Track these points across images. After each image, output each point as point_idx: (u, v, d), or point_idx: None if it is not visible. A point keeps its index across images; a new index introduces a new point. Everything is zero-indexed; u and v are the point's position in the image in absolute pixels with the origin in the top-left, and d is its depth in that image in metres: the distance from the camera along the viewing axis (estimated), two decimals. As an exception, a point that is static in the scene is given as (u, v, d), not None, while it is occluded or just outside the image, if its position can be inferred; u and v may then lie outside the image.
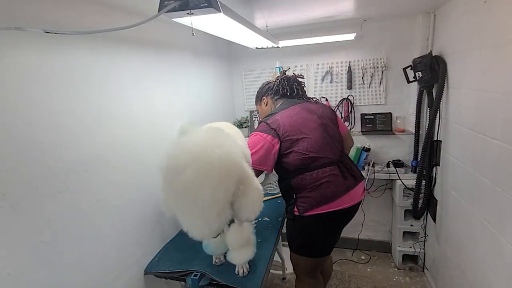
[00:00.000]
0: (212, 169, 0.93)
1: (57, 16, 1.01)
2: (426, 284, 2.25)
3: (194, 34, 1.07)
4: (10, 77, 0.86)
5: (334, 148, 1.48)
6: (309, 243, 1.48)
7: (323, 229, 1.44)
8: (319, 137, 1.44)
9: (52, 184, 0.98)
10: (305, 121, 1.46)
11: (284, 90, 1.63)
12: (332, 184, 1.39)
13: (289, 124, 1.42)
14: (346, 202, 1.40)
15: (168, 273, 1.40)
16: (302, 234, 1.48)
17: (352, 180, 1.46)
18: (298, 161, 1.41)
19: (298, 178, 1.42)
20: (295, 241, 1.53)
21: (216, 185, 0.93)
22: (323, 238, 1.47)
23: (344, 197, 1.40)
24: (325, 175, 1.40)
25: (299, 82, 1.70)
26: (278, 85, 1.64)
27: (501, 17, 1.26)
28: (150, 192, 1.50)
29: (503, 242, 1.26)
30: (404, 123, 2.40)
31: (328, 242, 1.51)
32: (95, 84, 1.16)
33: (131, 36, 1.37)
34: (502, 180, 1.27)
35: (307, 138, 1.42)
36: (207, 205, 0.93)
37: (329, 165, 1.42)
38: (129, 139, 1.35)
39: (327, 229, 1.45)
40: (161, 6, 0.89)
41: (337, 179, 1.41)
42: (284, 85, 1.63)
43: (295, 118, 1.46)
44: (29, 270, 0.91)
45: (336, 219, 1.45)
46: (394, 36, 2.28)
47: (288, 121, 1.43)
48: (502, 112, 1.25)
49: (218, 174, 0.93)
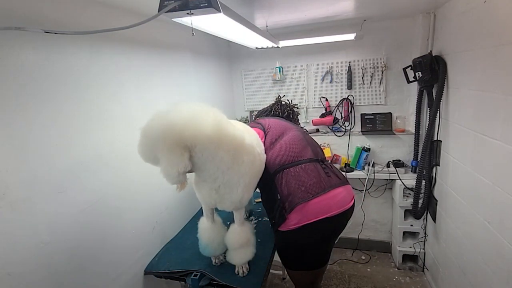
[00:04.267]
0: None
1: (57, 16, 1.01)
2: (426, 284, 2.25)
3: (194, 34, 1.07)
4: (10, 77, 0.86)
5: (315, 150, 1.47)
6: (301, 256, 1.37)
7: (313, 241, 1.33)
8: (301, 137, 1.49)
9: (52, 184, 0.98)
10: (288, 125, 1.58)
11: (277, 113, 1.80)
12: (313, 178, 1.32)
13: (274, 123, 1.56)
14: (333, 209, 1.28)
15: (168, 273, 1.40)
16: (291, 248, 1.36)
17: (336, 180, 1.37)
18: (279, 157, 1.38)
19: (281, 175, 1.34)
20: (285, 256, 1.42)
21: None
22: (314, 250, 1.37)
23: (329, 202, 1.29)
24: (307, 170, 1.34)
25: (294, 110, 1.86)
26: (272, 107, 1.83)
27: (501, 17, 1.26)
28: (150, 192, 1.50)
29: (503, 242, 1.26)
30: (404, 123, 2.40)
31: (322, 253, 1.42)
32: (95, 84, 1.16)
33: (131, 36, 1.37)
34: (502, 180, 1.27)
35: (289, 135, 1.48)
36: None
37: (310, 162, 1.38)
38: (129, 139, 1.35)
39: (317, 240, 1.34)
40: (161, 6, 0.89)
41: (319, 174, 1.34)
42: (276, 109, 1.81)
43: (279, 122, 1.60)
44: (29, 270, 0.91)
45: (325, 229, 1.32)
46: (394, 36, 2.28)
47: (273, 121, 1.58)
48: (502, 112, 1.25)
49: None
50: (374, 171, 2.34)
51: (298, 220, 1.26)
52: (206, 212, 1.39)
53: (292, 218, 1.27)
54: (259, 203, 2.11)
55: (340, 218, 1.32)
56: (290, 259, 1.41)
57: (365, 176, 2.37)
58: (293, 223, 1.26)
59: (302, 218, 1.26)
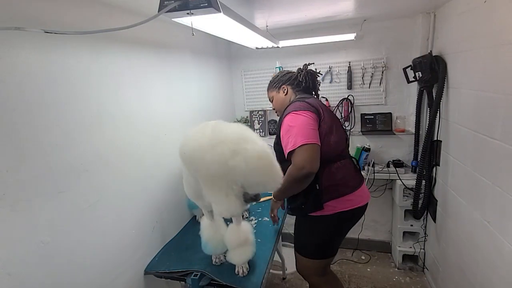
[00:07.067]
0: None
1: (57, 16, 1.01)
2: (426, 284, 2.25)
3: (194, 34, 1.07)
4: (10, 77, 0.86)
5: (346, 144, 1.55)
6: (329, 242, 1.48)
7: (341, 228, 1.47)
8: (345, 135, 1.53)
9: (52, 184, 0.98)
10: (334, 117, 1.52)
11: (307, 84, 1.60)
12: (350, 175, 1.44)
13: (325, 110, 1.44)
14: (363, 199, 1.45)
15: (168, 273, 1.40)
16: (322, 235, 1.46)
17: (361, 175, 1.53)
18: (329, 151, 1.38)
19: (326, 167, 1.38)
20: (311, 243, 1.50)
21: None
22: (339, 237, 1.50)
23: (361, 194, 1.44)
24: (346, 165, 1.45)
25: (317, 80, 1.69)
26: (302, 77, 1.59)
27: (501, 16, 1.26)
28: (150, 192, 1.50)
29: (503, 242, 1.26)
30: (404, 123, 2.40)
31: (340, 241, 1.54)
32: (95, 84, 1.16)
33: (131, 36, 1.37)
34: (502, 180, 1.27)
35: (339, 132, 1.47)
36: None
37: (348, 158, 1.50)
38: (129, 139, 1.35)
39: (346, 228, 1.49)
40: (161, 6, 0.89)
41: (354, 170, 1.49)
42: (307, 79, 1.59)
43: (327, 109, 1.48)
44: (29, 270, 0.91)
45: (354, 218, 1.49)
46: (394, 36, 2.28)
47: (323, 107, 1.45)
48: (502, 112, 1.25)
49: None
50: (374, 171, 2.34)
51: (334, 207, 1.39)
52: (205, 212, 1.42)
53: (329, 205, 1.39)
54: (259, 203, 2.11)
55: (364, 208, 1.50)
56: (317, 244, 1.48)
57: (365, 176, 2.37)
58: (330, 209, 1.39)
59: (338, 206, 1.39)
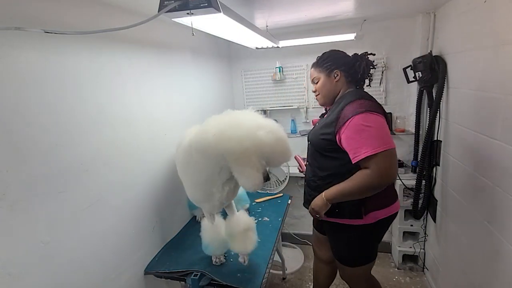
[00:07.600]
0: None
1: (57, 16, 1.01)
2: (426, 284, 2.25)
3: (194, 34, 1.07)
4: (10, 77, 0.86)
5: None
6: (372, 249, 1.47)
7: (383, 232, 1.46)
8: None
9: (52, 184, 0.98)
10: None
11: (363, 76, 1.38)
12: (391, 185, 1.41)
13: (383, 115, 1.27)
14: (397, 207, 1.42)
15: (168, 273, 1.40)
16: (366, 242, 1.43)
17: None
18: None
19: None
20: (356, 252, 1.46)
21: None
22: (378, 242, 1.49)
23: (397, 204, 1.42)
24: None
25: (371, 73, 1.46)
26: (359, 66, 1.35)
27: (501, 16, 1.26)
28: (150, 192, 1.50)
29: (503, 242, 1.26)
30: (404, 123, 2.39)
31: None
32: (95, 84, 1.16)
33: (131, 36, 1.37)
34: (502, 180, 1.27)
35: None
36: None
37: None
38: (129, 139, 1.35)
39: (385, 229, 1.47)
40: (161, 6, 0.89)
41: None
42: (365, 71, 1.36)
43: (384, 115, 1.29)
44: (29, 270, 0.91)
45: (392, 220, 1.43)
46: (394, 36, 2.28)
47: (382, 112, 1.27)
48: (502, 112, 1.25)
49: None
50: (374, 171, 2.34)
51: (374, 216, 1.34)
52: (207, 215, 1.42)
53: (369, 215, 1.34)
54: (259, 203, 2.11)
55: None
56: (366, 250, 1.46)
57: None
58: (370, 219, 1.34)
59: (378, 214, 1.34)
